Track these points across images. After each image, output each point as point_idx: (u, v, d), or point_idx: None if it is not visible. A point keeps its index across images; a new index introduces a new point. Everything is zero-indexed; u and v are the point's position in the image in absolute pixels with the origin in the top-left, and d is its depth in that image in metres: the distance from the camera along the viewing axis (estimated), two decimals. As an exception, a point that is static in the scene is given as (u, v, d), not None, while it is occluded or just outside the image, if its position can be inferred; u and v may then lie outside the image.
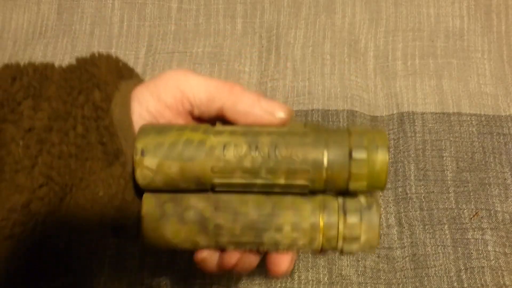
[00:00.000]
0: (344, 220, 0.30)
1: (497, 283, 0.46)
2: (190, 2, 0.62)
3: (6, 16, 0.62)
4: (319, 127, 0.30)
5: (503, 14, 0.60)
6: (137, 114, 0.31)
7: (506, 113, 0.55)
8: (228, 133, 0.30)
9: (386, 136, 0.30)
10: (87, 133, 0.29)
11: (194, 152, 0.29)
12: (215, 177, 0.29)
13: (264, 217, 0.30)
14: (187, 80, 0.32)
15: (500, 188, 0.51)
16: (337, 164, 0.29)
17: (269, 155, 0.29)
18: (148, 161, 0.29)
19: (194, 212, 0.30)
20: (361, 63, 0.58)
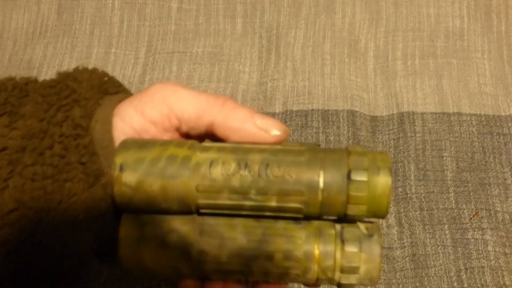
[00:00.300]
0: (341, 249, 0.27)
1: (497, 283, 0.46)
2: (190, 2, 0.62)
3: (6, 16, 0.62)
4: (316, 147, 0.28)
5: (503, 14, 0.60)
6: (120, 131, 0.29)
7: (506, 113, 0.55)
8: (216, 149, 0.28)
9: (389, 157, 0.27)
10: (66, 152, 0.27)
11: (177, 169, 0.27)
12: (200, 197, 0.27)
13: (254, 243, 0.27)
14: (176, 94, 0.30)
15: (500, 188, 0.51)
16: (334, 186, 0.26)
17: (260, 174, 0.27)
18: (127, 178, 0.27)
19: (177, 236, 0.27)
20: (361, 63, 0.58)
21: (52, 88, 0.29)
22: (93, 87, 0.30)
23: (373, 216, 0.27)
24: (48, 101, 0.28)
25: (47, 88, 0.29)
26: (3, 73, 0.59)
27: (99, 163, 0.27)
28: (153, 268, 0.28)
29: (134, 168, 0.27)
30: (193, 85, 0.58)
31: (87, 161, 0.27)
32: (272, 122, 0.29)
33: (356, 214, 0.27)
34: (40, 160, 0.26)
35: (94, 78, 0.31)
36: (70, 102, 0.28)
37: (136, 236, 0.27)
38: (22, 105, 0.27)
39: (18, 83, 0.29)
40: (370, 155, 0.27)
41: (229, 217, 0.28)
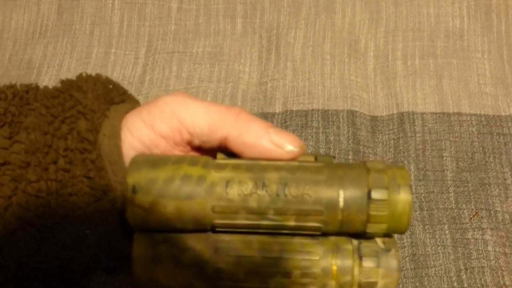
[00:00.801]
0: (359, 265, 0.26)
1: (497, 283, 0.46)
2: (190, 2, 0.62)
3: (6, 16, 0.62)
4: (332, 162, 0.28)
5: (503, 14, 0.60)
6: (128, 145, 0.28)
7: (506, 113, 0.55)
8: (231, 167, 0.27)
9: (408, 173, 0.27)
10: (70, 166, 0.26)
11: (193, 190, 0.26)
12: (217, 218, 0.26)
13: (271, 260, 0.27)
14: (186, 107, 0.28)
15: (500, 188, 0.51)
16: (355, 205, 0.26)
17: (278, 194, 0.26)
18: (140, 199, 0.26)
19: (192, 254, 0.27)
20: (361, 63, 0.58)
21: (56, 99, 0.28)
22: (99, 98, 0.29)
23: (392, 232, 0.27)
24: (52, 113, 0.27)
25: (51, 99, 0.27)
26: (3, 73, 0.59)
27: (108, 178, 0.26)
28: (169, 286, 0.27)
29: (147, 189, 0.26)
30: (193, 85, 0.58)
31: (95, 176, 0.26)
32: (288, 138, 0.28)
33: (376, 232, 0.27)
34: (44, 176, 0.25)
35: (99, 87, 0.30)
36: (75, 114, 0.27)
37: (150, 255, 0.27)
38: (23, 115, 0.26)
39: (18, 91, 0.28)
40: (390, 172, 0.27)
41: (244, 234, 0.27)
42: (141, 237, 0.27)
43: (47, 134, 0.26)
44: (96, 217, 0.26)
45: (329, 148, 0.53)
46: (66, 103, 0.27)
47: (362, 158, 0.52)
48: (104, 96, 0.29)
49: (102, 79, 0.30)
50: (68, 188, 0.26)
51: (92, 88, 0.29)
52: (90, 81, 0.30)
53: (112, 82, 0.31)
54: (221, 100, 0.57)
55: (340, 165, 0.27)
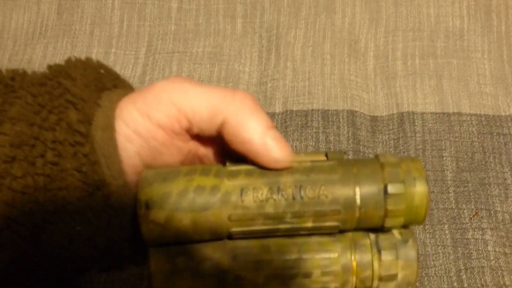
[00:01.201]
0: (378, 258, 0.27)
1: (497, 283, 0.46)
2: (190, 2, 0.62)
3: (6, 16, 0.62)
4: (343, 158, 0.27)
5: (503, 14, 0.60)
6: (123, 137, 0.26)
7: (506, 113, 0.55)
8: (244, 174, 0.26)
9: (422, 165, 0.27)
10: (59, 159, 0.24)
11: (207, 200, 0.25)
12: (233, 226, 0.26)
13: (290, 262, 0.26)
14: (184, 93, 0.26)
15: (500, 188, 0.51)
16: (372, 202, 0.26)
17: (294, 197, 0.26)
18: (154, 215, 0.25)
19: (210, 264, 0.26)
20: (361, 63, 0.58)
21: (43, 86, 0.25)
22: (89, 85, 0.27)
23: (410, 224, 0.27)
24: (39, 102, 0.25)
25: (37, 86, 0.25)
26: (3, 73, 0.59)
27: (101, 173, 0.25)
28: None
29: (161, 204, 0.25)
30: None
31: (88, 170, 0.25)
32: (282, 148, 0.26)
33: (393, 226, 0.27)
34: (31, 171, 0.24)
35: (89, 72, 0.28)
36: (63, 103, 0.25)
37: (168, 268, 0.26)
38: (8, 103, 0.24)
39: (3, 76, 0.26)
40: (404, 165, 0.26)
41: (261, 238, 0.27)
42: (157, 251, 0.26)
43: (33, 125, 0.24)
44: (88, 213, 0.25)
45: (329, 148, 0.53)
46: (54, 91, 0.25)
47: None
48: (95, 83, 0.27)
49: (92, 64, 0.29)
50: (57, 182, 0.24)
51: (82, 74, 0.27)
52: (80, 66, 0.28)
53: (103, 66, 0.29)
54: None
55: (353, 162, 0.27)
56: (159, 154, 0.27)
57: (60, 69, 0.27)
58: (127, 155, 0.26)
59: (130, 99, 0.27)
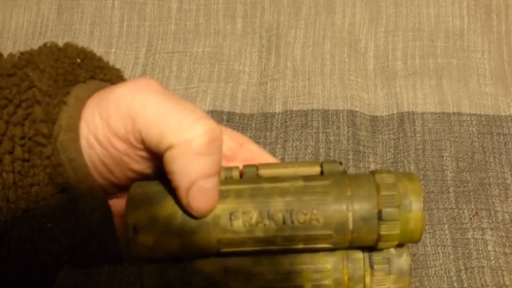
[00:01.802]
0: (371, 274, 0.26)
1: (497, 283, 0.46)
2: (190, 2, 0.62)
3: (6, 16, 0.62)
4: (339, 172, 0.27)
5: (503, 14, 0.60)
6: (85, 140, 0.24)
7: (506, 113, 0.55)
8: (234, 196, 0.26)
9: (420, 185, 0.26)
10: (30, 155, 0.23)
11: (195, 225, 0.25)
12: (223, 248, 0.26)
13: (282, 276, 0.26)
14: (143, 107, 0.24)
15: (500, 188, 0.51)
16: (365, 227, 0.25)
17: (285, 221, 0.25)
18: (143, 239, 0.25)
19: (202, 277, 0.26)
20: (361, 63, 0.58)
21: (11, 77, 0.24)
22: (58, 79, 0.25)
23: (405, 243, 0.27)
24: (6, 95, 0.23)
25: (6, 77, 0.24)
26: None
27: (66, 175, 0.24)
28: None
29: (149, 228, 0.25)
30: (193, 85, 0.58)
31: (52, 172, 0.24)
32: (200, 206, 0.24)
33: (387, 247, 0.26)
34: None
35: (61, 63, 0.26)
36: (31, 97, 0.24)
37: (160, 282, 0.26)
38: None
39: None
40: (401, 187, 0.26)
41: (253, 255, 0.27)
42: (150, 266, 0.26)
43: (0, 120, 0.23)
44: (57, 212, 0.24)
45: (329, 148, 0.53)
46: (22, 84, 0.24)
47: (362, 158, 0.52)
48: (65, 76, 0.25)
49: (69, 51, 0.26)
50: (29, 178, 0.23)
51: (52, 66, 0.25)
52: (52, 55, 0.26)
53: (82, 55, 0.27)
54: (221, 100, 0.57)
55: (348, 182, 0.26)
56: (122, 162, 0.25)
57: (30, 58, 0.25)
58: (90, 160, 0.25)
59: (96, 98, 0.25)
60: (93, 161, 0.25)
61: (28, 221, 0.24)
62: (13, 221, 0.23)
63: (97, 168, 0.25)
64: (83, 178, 0.24)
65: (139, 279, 0.26)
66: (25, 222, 0.24)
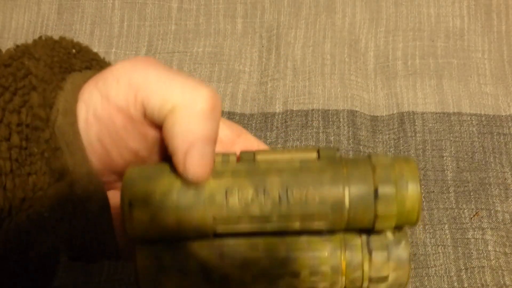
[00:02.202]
0: (369, 260, 0.26)
1: (497, 283, 0.46)
2: (190, 2, 0.62)
3: (6, 16, 0.62)
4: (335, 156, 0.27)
5: (503, 14, 0.60)
6: (83, 121, 0.25)
7: (506, 113, 0.55)
8: (230, 173, 0.26)
9: (416, 166, 0.26)
10: (27, 143, 0.23)
11: (192, 201, 0.25)
12: (219, 226, 0.25)
13: (278, 261, 0.26)
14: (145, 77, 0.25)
15: (500, 188, 0.51)
16: (361, 205, 0.25)
17: (281, 198, 0.25)
18: (138, 215, 0.25)
19: (197, 262, 0.26)
20: (361, 63, 0.58)
21: (7, 67, 0.24)
22: (53, 66, 0.25)
23: (402, 225, 0.26)
24: (2, 83, 0.24)
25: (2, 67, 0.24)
26: (3, 73, 0.59)
27: (63, 159, 0.24)
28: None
29: (145, 203, 0.25)
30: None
31: (50, 156, 0.24)
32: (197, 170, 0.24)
33: (384, 228, 0.26)
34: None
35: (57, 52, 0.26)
36: (27, 85, 0.24)
37: (154, 265, 0.26)
38: None
39: None
40: (397, 167, 0.25)
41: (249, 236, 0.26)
42: (144, 248, 0.26)
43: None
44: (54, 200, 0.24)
45: (329, 148, 0.53)
46: (18, 73, 0.24)
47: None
48: (60, 64, 0.26)
49: (64, 43, 0.27)
50: (26, 167, 0.23)
51: (48, 54, 0.26)
52: (47, 46, 0.26)
53: (78, 47, 0.27)
54: (222, 99, 0.57)
55: (344, 162, 0.26)
56: (120, 139, 0.26)
57: (25, 49, 0.26)
58: (88, 140, 0.25)
59: (93, 80, 0.26)
60: (91, 141, 0.25)
61: (26, 212, 0.24)
62: (10, 211, 0.23)
63: (95, 149, 0.25)
64: (80, 162, 0.24)
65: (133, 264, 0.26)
66: (22, 213, 0.24)
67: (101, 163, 0.26)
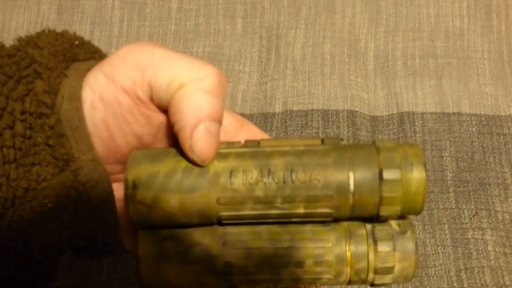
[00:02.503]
0: (374, 250, 0.25)
1: (497, 283, 0.46)
2: (190, 2, 0.62)
3: (6, 16, 0.62)
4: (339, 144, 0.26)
5: (503, 14, 0.60)
6: (89, 104, 0.25)
7: (506, 113, 0.55)
8: (234, 155, 0.25)
9: (420, 150, 0.25)
10: (31, 132, 0.23)
11: (195, 182, 0.25)
12: (222, 209, 0.25)
13: (282, 251, 0.25)
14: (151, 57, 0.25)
15: (500, 188, 0.51)
16: (366, 188, 0.24)
17: (285, 180, 0.25)
18: (141, 195, 0.25)
19: (199, 249, 0.26)
20: (361, 63, 0.58)
21: (11, 57, 0.24)
22: (57, 54, 0.26)
23: (407, 213, 0.26)
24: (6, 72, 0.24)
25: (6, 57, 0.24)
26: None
27: (69, 146, 0.24)
28: (177, 283, 0.26)
29: (148, 184, 0.25)
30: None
31: (55, 143, 0.24)
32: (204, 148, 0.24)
33: (389, 215, 0.25)
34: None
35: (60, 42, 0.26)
36: (31, 73, 0.24)
37: (156, 252, 0.26)
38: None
39: None
40: (401, 150, 0.25)
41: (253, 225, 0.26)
42: (146, 234, 0.26)
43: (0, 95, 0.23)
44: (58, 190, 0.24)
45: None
46: (22, 62, 0.24)
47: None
48: (64, 52, 0.26)
49: (67, 35, 0.27)
50: (30, 157, 0.23)
51: (51, 43, 0.26)
52: (51, 36, 0.26)
53: (81, 40, 0.28)
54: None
55: (348, 147, 0.26)
56: (125, 122, 0.26)
57: (29, 40, 0.26)
58: (93, 124, 0.25)
59: (98, 65, 0.26)
60: (96, 125, 0.25)
61: (30, 203, 0.24)
62: (14, 200, 0.23)
63: (100, 134, 0.25)
64: (85, 148, 0.24)
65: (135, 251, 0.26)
66: (26, 203, 0.24)
67: (105, 149, 0.26)
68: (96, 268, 0.47)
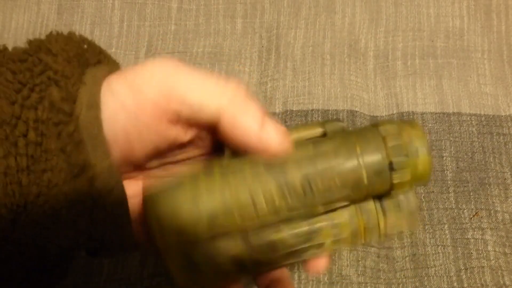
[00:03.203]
0: (384, 219, 0.28)
1: (497, 283, 0.46)
2: (190, 2, 0.62)
3: (6, 16, 0.62)
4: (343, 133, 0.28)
5: (503, 14, 0.60)
6: (111, 111, 0.25)
7: (506, 113, 0.55)
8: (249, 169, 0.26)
9: (421, 128, 0.28)
10: (42, 138, 0.23)
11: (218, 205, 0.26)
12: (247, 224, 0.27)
13: (303, 238, 0.27)
14: (178, 74, 0.26)
15: (500, 188, 0.51)
16: (378, 179, 0.27)
17: (305, 192, 0.26)
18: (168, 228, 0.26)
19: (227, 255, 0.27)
20: (361, 63, 0.58)
21: (23, 63, 0.24)
22: (71, 61, 0.26)
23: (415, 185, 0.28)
24: (20, 79, 0.24)
25: (18, 63, 0.24)
26: (3, 73, 0.59)
27: (86, 153, 0.24)
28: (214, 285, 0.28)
29: (174, 215, 0.26)
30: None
31: (72, 150, 0.24)
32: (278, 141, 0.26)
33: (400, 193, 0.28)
34: (13, 151, 0.23)
35: (71, 47, 0.27)
36: (45, 81, 0.24)
37: (186, 264, 0.27)
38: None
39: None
40: (405, 135, 0.27)
41: None
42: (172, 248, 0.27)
43: (14, 104, 0.23)
44: (72, 196, 0.24)
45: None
46: (35, 68, 0.24)
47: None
48: (77, 58, 0.26)
49: (75, 38, 0.28)
50: (41, 163, 0.23)
51: (63, 49, 0.26)
52: (61, 41, 0.27)
53: (86, 41, 0.28)
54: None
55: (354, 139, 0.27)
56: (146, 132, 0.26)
57: (41, 44, 0.26)
58: (113, 131, 0.25)
59: (120, 74, 0.26)
60: (116, 133, 0.25)
61: (42, 207, 0.24)
62: (25, 205, 0.23)
63: (118, 142, 0.26)
64: (102, 156, 0.25)
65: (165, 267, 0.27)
66: (38, 208, 0.24)
67: (122, 155, 0.26)
68: (96, 268, 0.47)
